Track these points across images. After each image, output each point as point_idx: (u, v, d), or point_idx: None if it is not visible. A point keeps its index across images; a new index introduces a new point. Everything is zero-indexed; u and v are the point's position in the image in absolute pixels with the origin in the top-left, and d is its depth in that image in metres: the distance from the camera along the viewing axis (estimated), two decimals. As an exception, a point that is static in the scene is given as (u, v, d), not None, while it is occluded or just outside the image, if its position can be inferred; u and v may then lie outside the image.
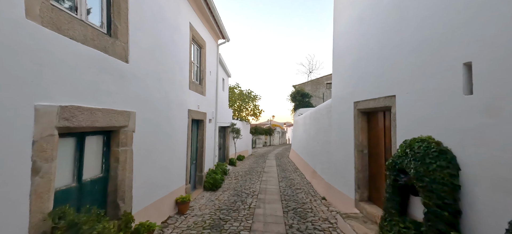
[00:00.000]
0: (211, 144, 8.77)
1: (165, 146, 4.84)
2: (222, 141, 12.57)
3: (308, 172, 9.47)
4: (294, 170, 11.56)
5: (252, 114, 19.60)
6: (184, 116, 5.89)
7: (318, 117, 7.96)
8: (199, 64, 7.51)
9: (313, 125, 9.01)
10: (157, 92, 4.46)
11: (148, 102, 4.15)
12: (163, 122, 4.70)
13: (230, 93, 18.05)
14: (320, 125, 7.66)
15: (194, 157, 7.26)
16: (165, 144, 4.83)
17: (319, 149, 7.66)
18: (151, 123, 4.27)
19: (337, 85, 5.86)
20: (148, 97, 4.13)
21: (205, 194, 7.12)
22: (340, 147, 5.52)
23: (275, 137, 39.21)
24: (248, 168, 12.01)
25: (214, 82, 9.17)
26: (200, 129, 7.66)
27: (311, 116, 9.45)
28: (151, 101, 4.26)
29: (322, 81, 23.52)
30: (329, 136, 6.53)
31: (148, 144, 4.18)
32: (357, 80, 4.83)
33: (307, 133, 10.36)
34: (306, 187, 7.95)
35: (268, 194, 7.04)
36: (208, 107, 8.19)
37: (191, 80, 6.39)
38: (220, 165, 9.66)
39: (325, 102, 7.42)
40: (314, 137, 8.66)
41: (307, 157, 10.15)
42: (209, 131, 8.48)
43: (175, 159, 5.34)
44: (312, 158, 8.77)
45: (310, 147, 9.40)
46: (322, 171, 7.13)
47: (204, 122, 7.69)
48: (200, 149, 7.61)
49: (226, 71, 12.15)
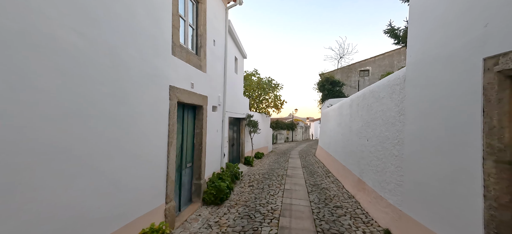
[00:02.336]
0: (216, 140, 6.57)
1: (111, 145, 2.67)
2: (236, 136, 10.36)
3: (348, 180, 6.91)
4: (325, 174, 9.02)
5: (273, 105, 17.13)
6: (162, 96, 3.69)
7: (370, 104, 5.37)
8: (196, 25, 5.26)
9: (357, 116, 6.41)
10: (81, 38, 2.27)
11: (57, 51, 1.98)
12: (100, 100, 2.51)
13: (247, 81, 15.72)
14: (374, 115, 5.08)
15: (188, 159, 5.08)
16: (111, 142, 2.66)
17: (372, 151, 5.10)
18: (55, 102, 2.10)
19: (426, 33, 3.26)
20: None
21: (202, 212, 4.93)
22: (434, 151, 2.97)
23: (298, 132, 36.43)
24: (267, 169, 9.70)
25: (222, 58, 6.90)
26: (198, 119, 5.45)
27: (353, 104, 6.84)
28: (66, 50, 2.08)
29: (355, 68, 20.30)
30: (397, 132, 3.96)
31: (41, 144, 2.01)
32: (496, 11, 2.24)
33: (345, 127, 7.75)
34: (350, 205, 5.44)
35: (294, 218, 4.67)
36: (211, 89, 5.95)
37: (177, 42, 4.17)
38: (230, 167, 7.45)
39: (383, 80, 4.82)
40: (359, 132, 6.07)
41: (345, 159, 7.57)
42: (213, 122, 6.27)
43: (140, 165, 3.16)
44: (357, 162, 6.20)
45: (351, 146, 6.82)
46: (380, 185, 4.59)
47: (203, 109, 5.47)
48: (198, 146, 5.41)
49: (241, 50, 9.84)
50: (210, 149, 6.04)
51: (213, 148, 6.27)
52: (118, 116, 2.73)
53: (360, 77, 20.26)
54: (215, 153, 6.47)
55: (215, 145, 6.45)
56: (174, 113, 4.03)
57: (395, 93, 4.12)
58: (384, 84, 4.66)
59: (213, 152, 6.28)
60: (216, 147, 6.53)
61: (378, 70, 19.61)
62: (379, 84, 4.94)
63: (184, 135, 4.87)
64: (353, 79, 20.42)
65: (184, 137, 4.89)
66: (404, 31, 7.71)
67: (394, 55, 19.06)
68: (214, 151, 6.37)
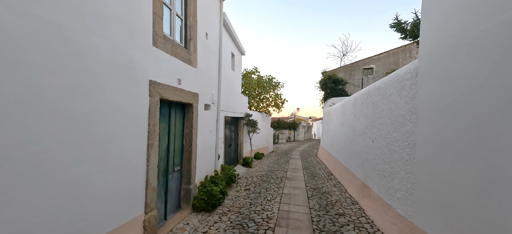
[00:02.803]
0: (210, 141, 6.14)
1: (68, 149, 2.23)
2: (234, 136, 9.92)
3: (351, 184, 6.43)
4: (327, 176, 8.54)
5: (274, 104, 16.64)
6: (139, 92, 3.25)
7: (375, 102, 4.89)
8: (184, 16, 4.82)
9: (361, 116, 5.93)
10: (20, 18, 1.83)
11: None
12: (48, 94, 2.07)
13: (247, 79, 15.25)
14: (380, 114, 4.60)
15: (176, 162, 4.65)
16: (68, 146, 2.23)
17: (377, 153, 4.62)
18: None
19: (444, 16, 2.77)
20: None
21: (191, 220, 4.50)
22: (454, 156, 2.49)
23: (300, 132, 35.90)
24: (266, 171, 9.25)
25: (216, 53, 6.46)
26: (187, 118, 5.01)
27: (357, 102, 6.36)
28: None
29: (359, 66, 19.75)
30: (407, 133, 3.48)
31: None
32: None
33: (348, 127, 7.27)
34: (354, 212, 4.97)
35: (291, 228, 4.21)
36: (202, 86, 5.52)
37: (159, 32, 3.72)
38: (226, 169, 7.01)
39: (391, 74, 4.33)
40: (364, 133, 5.59)
41: (348, 161, 7.09)
42: (206, 121, 5.83)
43: (108, 172, 2.72)
44: (361, 165, 5.72)
45: (355, 147, 6.34)
46: (388, 192, 4.11)
47: (194, 107, 5.03)
48: (188, 148, 4.97)
49: (238, 46, 9.38)
50: (202, 150, 5.61)
51: (205, 149, 5.84)
52: (76, 115, 2.30)
53: (363, 75, 19.70)
54: (208, 155, 6.03)
55: (208, 146, 6.01)
56: (155, 112, 3.60)
57: (404, 89, 3.64)
58: (392, 80, 4.17)
59: (205, 154, 5.85)
60: (209, 149, 6.10)
61: (382, 68, 19.03)
62: (386, 80, 4.46)
63: (171, 136, 4.44)
64: (357, 77, 19.87)
65: (171, 138, 4.46)
66: (413, 23, 7.20)
67: (399, 53, 18.47)
68: (207, 152, 5.94)
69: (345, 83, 17.09)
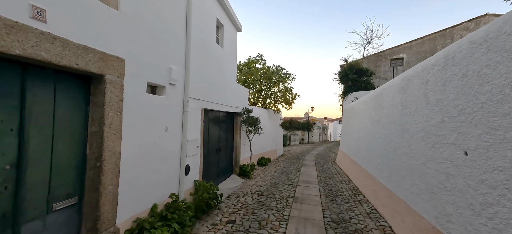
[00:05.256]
0: (164, 145, 3.76)
1: None
2: (226, 138, 7.49)
3: (404, 221, 3.80)
4: (354, 195, 5.90)
5: (283, 100, 14.06)
6: None
7: (467, 80, 2.30)
8: None
9: (424, 105, 3.32)
10: None
11: None
12: None
13: (250, 68, 12.73)
14: (480, 98, 2.01)
15: (59, 190, 2.30)
16: None
17: (481, 177, 2.02)
18: None
19: None
20: None
21: None
22: None
23: (315, 133, 32.92)
24: (269, 185, 6.75)
25: (180, 4, 4.08)
26: (93, 105, 2.65)
27: (411, 85, 3.73)
28: None
29: (385, 56, 16.71)
30: None
31: None
32: None
33: (389, 126, 4.62)
34: None
35: None
36: (140, 47, 3.16)
37: None
38: (201, 189, 4.61)
39: None
40: (435, 133, 2.99)
41: (390, 178, 4.45)
42: (155, 113, 3.47)
43: None
44: (428, 192, 3.09)
45: (406, 157, 3.72)
46: None
47: (107, 83, 2.67)
48: (95, 162, 2.61)
49: (229, 15, 6.92)
50: (142, 162, 3.24)
51: (151, 159, 3.47)
52: None
53: (391, 66, 16.65)
54: (158, 169, 3.65)
55: (159, 155, 3.64)
56: None
57: None
58: None
59: (150, 168, 3.47)
60: (161, 159, 3.71)
61: (415, 58, 15.91)
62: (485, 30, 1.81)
63: (28, 141, 2.10)
64: (382, 69, 16.85)
65: (46, 144, 2.12)
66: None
67: (437, 38, 15.27)
68: (154, 165, 3.56)
69: (371, 74, 14.15)
